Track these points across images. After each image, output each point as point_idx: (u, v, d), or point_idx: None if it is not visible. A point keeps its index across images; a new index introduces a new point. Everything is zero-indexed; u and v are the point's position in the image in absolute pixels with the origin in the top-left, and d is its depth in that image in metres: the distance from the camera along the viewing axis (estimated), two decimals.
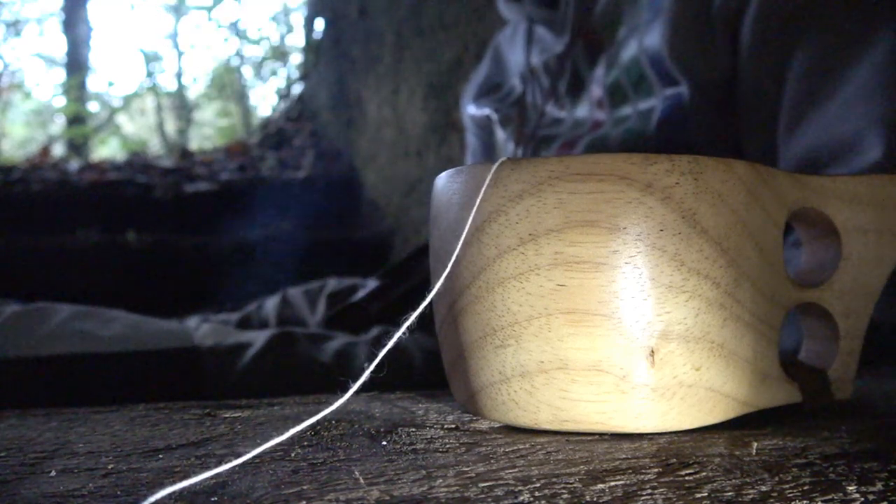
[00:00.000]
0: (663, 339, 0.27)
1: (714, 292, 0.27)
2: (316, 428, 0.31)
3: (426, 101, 1.82)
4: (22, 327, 0.64)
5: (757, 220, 0.29)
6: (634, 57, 0.65)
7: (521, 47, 0.82)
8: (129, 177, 2.41)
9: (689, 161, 0.27)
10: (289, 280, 1.07)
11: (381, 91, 2.17)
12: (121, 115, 5.37)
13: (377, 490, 0.22)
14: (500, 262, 0.28)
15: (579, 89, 0.72)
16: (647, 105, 0.64)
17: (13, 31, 5.47)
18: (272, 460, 0.25)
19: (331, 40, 2.82)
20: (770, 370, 0.30)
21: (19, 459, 0.26)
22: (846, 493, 0.21)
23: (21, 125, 5.41)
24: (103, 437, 0.30)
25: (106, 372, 0.64)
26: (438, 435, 0.29)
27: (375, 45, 2.21)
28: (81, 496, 0.22)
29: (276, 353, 0.68)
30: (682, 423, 0.28)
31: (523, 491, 0.22)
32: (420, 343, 0.69)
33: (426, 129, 1.82)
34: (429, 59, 1.80)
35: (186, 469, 0.25)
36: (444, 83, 1.71)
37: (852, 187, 0.33)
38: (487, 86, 0.88)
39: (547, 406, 0.28)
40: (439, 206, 0.31)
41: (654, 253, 0.27)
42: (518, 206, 0.27)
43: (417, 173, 1.89)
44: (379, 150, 2.21)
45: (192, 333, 0.72)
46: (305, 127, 3.06)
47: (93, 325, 0.66)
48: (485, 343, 0.29)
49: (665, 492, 0.22)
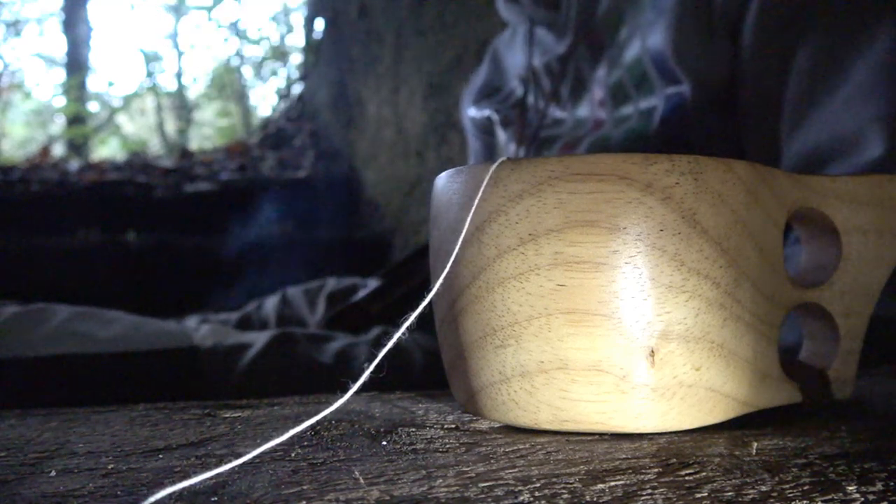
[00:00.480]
0: (663, 339, 0.27)
1: (714, 292, 0.27)
2: (316, 428, 0.31)
3: (426, 101, 1.82)
4: (21, 328, 0.64)
5: (757, 220, 0.29)
6: (637, 57, 0.65)
7: (521, 50, 0.81)
8: (129, 177, 2.41)
9: (689, 161, 0.27)
10: (289, 280, 1.07)
11: (381, 91, 2.17)
12: (121, 115, 5.36)
13: (377, 490, 0.22)
14: (499, 262, 0.28)
15: (581, 90, 0.72)
16: (649, 104, 0.64)
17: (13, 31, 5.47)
18: (272, 460, 0.25)
19: (331, 40, 2.81)
20: (770, 370, 0.30)
21: (19, 459, 0.26)
22: (846, 493, 0.21)
23: (21, 125, 5.41)
24: (103, 437, 0.30)
25: (105, 373, 0.64)
26: (438, 435, 0.29)
27: (375, 45, 2.21)
28: (81, 496, 0.22)
29: (276, 354, 0.68)
30: (682, 423, 0.28)
31: (523, 491, 0.22)
32: (420, 343, 0.69)
33: (426, 129, 1.82)
34: (429, 59, 1.80)
35: (186, 469, 0.25)
36: (444, 83, 1.71)
37: (852, 187, 0.33)
38: (487, 89, 0.88)
39: (547, 406, 0.28)
40: (439, 206, 0.31)
41: (654, 253, 0.27)
42: (518, 206, 0.28)
43: (417, 173, 1.89)
44: (379, 150, 2.21)
45: (192, 334, 0.72)
46: (305, 127, 3.06)
47: (92, 326, 0.66)
48: (485, 343, 0.29)
49: (665, 492, 0.22)
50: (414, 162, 1.91)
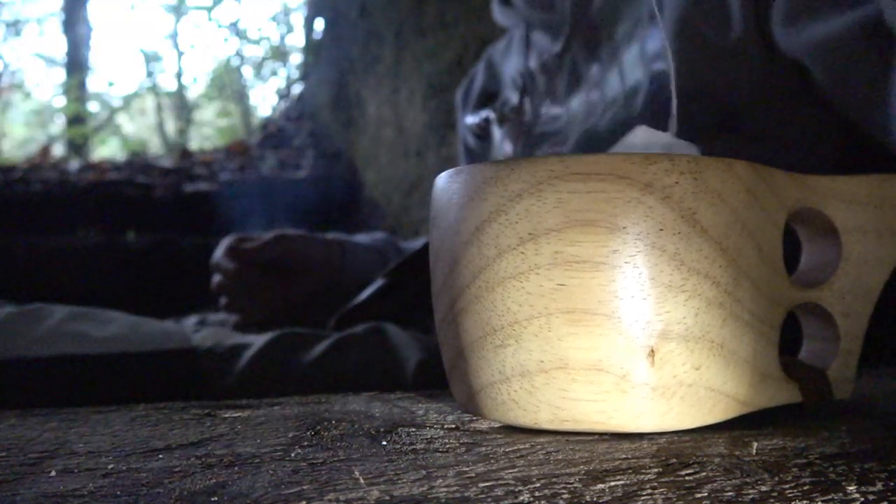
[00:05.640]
0: (663, 339, 0.27)
1: (714, 292, 0.27)
2: (316, 428, 0.31)
3: (426, 101, 1.82)
4: (17, 329, 0.64)
5: (756, 219, 0.29)
6: (635, 56, 0.65)
7: (518, 54, 0.81)
8: (129, 177, 2.41)
9: (689, 160, 0.27)
10: None
11: (381, 91, 2.17)
12: (121, 115, 5.37)
13: (377, 490, 0.22)
14: (499, 262, 0.28)
15: (576, 86, 0.72)
16: (635, 81, 0.62)
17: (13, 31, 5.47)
18: (272, 460, 0.25)
19: (331, 40, 2.81)
20: (770, 370, 0.30)
21: (19, 459, 0.26)
22: (846, 493, 0.21)
23: (21, 125, 5.41)
24: (103, 437, 0.30)
25: (102, 374, 0.64)
26: (438, 435, 0.29)
27: (375, 45, 2.21)
28: (81, 496, 0.22)
29: (276, 355, 0.68)
30: (682, 422, 0.28)
31: (523, 491, 0.22)
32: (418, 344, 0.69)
33: (426, 129, 1.82)
34: (429, 59, 1.80)
35: (186, 469, 0.25)
36: (444, 83, 1.71)
37: (852, 187, 0.33)
38: (484, 96, 0.88)
39: (547, 406, 0.28)
40: (439, 206, 0.31)
41: (654, 252, 0.27)
42: (518, 206, 0.27)
43: (417, 173, 1.89)
44: (379, 150, 2.21)
45: (191, 335, 0.71)
46: (305, 127, 3.06)
47: (89, 326, 0.66)
48: (485, 343, 0.29)
49: (665, 492, 0.22)
50: (414, 162, 1.91)
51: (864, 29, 0.49)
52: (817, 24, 0.52)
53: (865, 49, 0.49)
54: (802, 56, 0.54)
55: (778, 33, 0.55)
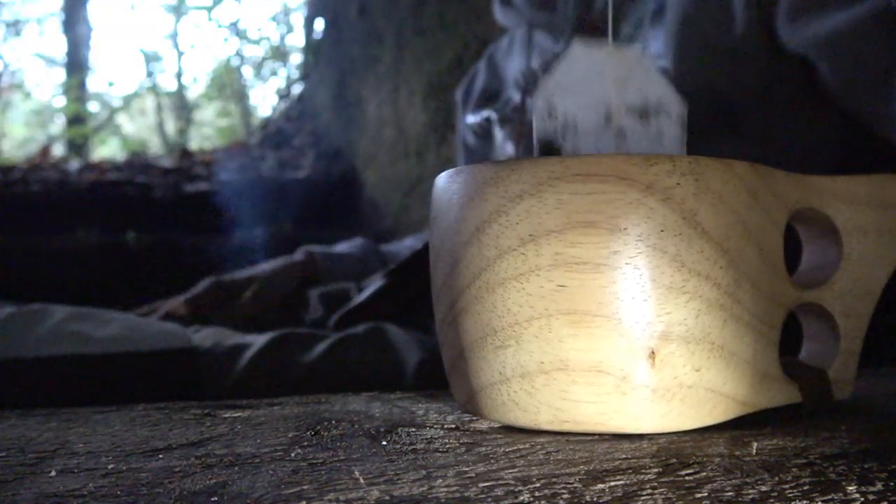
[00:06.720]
0: (663, 340, 0.27)
1: (714, 293, 0.27)
2: (316, 428, 0.31)
3: (426, 101, 1.82)
4: (17, 329, 0.64)
5: (757, 220, 0.29)
6: None
7: (520, 55, 0.81)
8: (129, 177, 2.41)
9: (690, 162, 0.27)
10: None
11: (381, 91, 2.17)
12: (121, 115, 5.36)
13: (377, 490, 0.22)
14: (500, 263, 0.28)
15: None
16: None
17: (13, 31, 5.47)
18: (272, 460, 0.25)
19: (331, 40, 2.81)
20: (770, 370, 0.30)
21: (19, 459, 0.26)
22: (846, 493, 0.21)
23: (21, 125, 5.41)
24: (103, 437, 0.30)
25: (102, 374, 0.64)
26: (438, 435, 0.29)
27: (375, 45, 2.21)
28: (81, 496, 0.22)
29: (276, 355, 0.68)
30: (682, 423, 0.28)
31: (523, 491, 0.22)
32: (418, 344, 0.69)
33: (426, 129, 1.82)
34: (429, 59, 1.80)
35: (186, 469, 0.25)
36: (444, 83, 1.71)
37: (852, 187, 0.33)
38: (486, 95, 0.88)
39: (547, 407, 0.28)
40: (439, 206, 0.31)
41: (655, 254, 0.27)
42: (518, 207, 0.27)
43: (417, 173, 1.89)
44: (379, 150, 2.21)
45: (190, 334, 0.71)
46: (305, 127, 3.06)
47: (89, 327, 0.66)
48: (485, 343, 0.29)
49: (665, 492, 0.22)
50: (414, 162, 1.91)
51: (875, 19, 0.48)
52: (824, 19, 0.51)
53: (876, 40, 0.49)
54: (808, 52, 0.54)
55: (783, 29, 0.55)
